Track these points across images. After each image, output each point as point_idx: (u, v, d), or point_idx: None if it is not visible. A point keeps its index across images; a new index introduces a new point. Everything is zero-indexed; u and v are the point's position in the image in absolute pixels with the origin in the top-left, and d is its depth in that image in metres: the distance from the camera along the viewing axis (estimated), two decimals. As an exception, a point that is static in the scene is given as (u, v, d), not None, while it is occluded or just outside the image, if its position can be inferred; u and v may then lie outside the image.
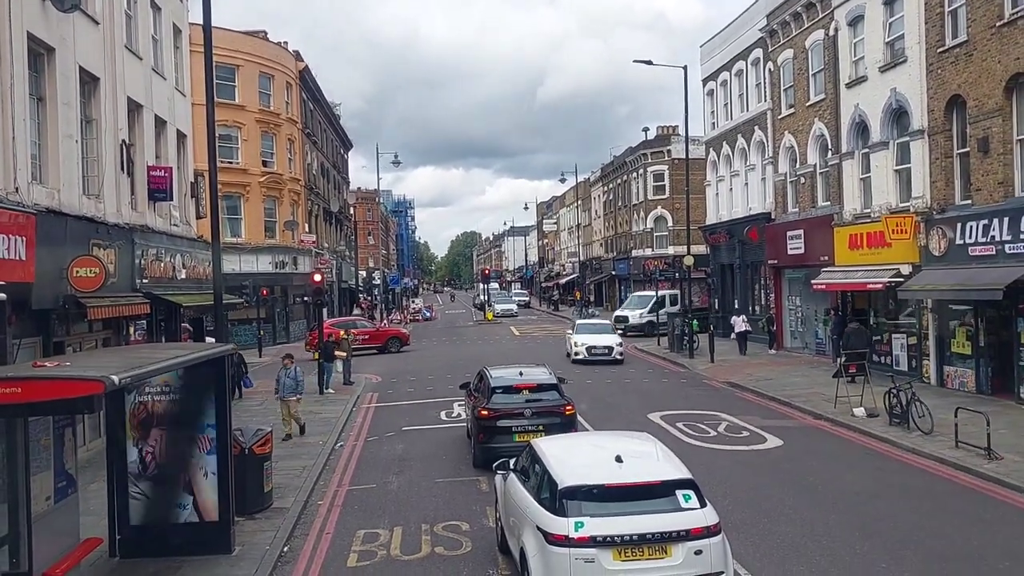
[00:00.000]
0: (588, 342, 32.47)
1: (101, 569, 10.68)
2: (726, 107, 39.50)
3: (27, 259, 14.02)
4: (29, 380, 7.58)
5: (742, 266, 38.39)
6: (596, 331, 34.17)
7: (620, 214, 69.13)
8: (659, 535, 8.15)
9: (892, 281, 23.36)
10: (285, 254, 45.22)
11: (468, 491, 14.26)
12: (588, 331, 34.15)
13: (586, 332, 33.89)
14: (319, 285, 28.69)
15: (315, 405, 23.34)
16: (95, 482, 13.41)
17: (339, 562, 11.06)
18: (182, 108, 25.54)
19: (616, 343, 32.65)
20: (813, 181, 30.33)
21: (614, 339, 33.17)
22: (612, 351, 32.13)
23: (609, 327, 35.94)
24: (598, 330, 34.55)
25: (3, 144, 13.89)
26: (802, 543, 11.17)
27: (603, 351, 32.08)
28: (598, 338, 32.91)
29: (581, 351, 32.23)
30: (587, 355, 31.95)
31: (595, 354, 31.91)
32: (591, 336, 33.15)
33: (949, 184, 22.02)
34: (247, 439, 12.87)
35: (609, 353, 31.99)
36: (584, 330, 34.42)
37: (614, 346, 32.37)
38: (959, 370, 21.98)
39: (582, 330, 34.42)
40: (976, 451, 14.88)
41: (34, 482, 8.56)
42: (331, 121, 62.85)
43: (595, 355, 31.90)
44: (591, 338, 32.86)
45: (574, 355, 32.44)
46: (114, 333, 19.50)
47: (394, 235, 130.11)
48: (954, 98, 21.58)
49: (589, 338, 32.86)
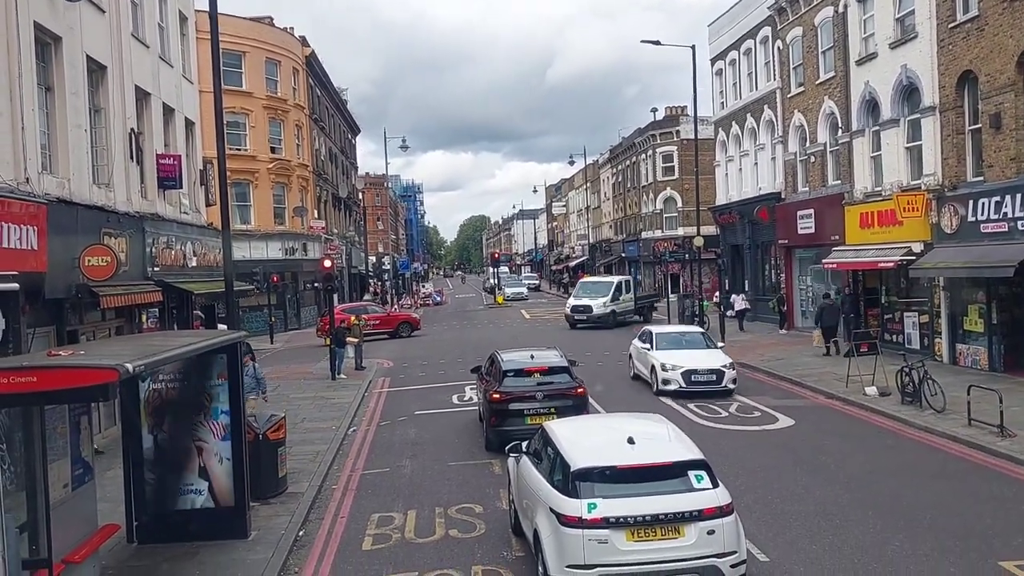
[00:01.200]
0: (683, 362, 20.75)
1: (119, 555, 10.80)
2: (735, 86, 39.26)
3: (39, 249, 14.09)
4: (44, 369, 7.62)
5: (752, 246, 38.28)
6: (687, 343, 22.33)
7: (629, 196, 68.92)
8: (672, 515, 8.18)
9: (904, 259, 23.26)
10: (295, 240, 45.30)
11: (481, 474, 14.33)
12: (675, 344, 22.23)
13: (673, 346, 22.04)
14: (329, 271, 28.80)
15: (327, 391, 23.47)
16: (111, 469, 13.53)
17: (354, 545, 11.14)
18: (190, 95, 25.55)
19: (724, 363, 20.81)
20: (823, 160, 30.16)
21: (719, 357, 21.38)
22: (722, 377, 20.48)
23: (700, 337, 23.25)
24: (690, 342, 22.52)
25: (12, 134, 13.93)
26: (814, 522, 11.18)
27: (708, 378, 20.45)
28: (696, 357, 21.19)
29: (674, 378, 20.55)
30: (684, 384, 20.40)
31: (698, 383, 20.39)
32: (685, 354, 21.38)
33: (961, 161, 21.86)
34: (261, 425, 12.95)
35: (718, 380, 20.43)
36: (669, 343, 22.25)
37: (724, 369, 20.61)
38: (971, 348, 21.89)
39: (665, 343, 22.29)
40: (989, 429, 14.84)
41: (51, 470, 8.62)
42: (338, 106, 62.77)
43: (698, 385, 20.37)
44: (686, 357, 21.11)
45: (660, 384, 20.74)
46: (127, 321, 19.60)
47: (403, 220, 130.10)
48: (965, 74, 21.38)
49: (683, 357, 21.10)
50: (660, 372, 20.86)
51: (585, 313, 40.05)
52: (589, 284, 44.82)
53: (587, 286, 43.94)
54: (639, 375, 22.94)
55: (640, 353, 22.89)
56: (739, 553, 8.38)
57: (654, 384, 21.08)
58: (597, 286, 43.19)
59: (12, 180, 13.69)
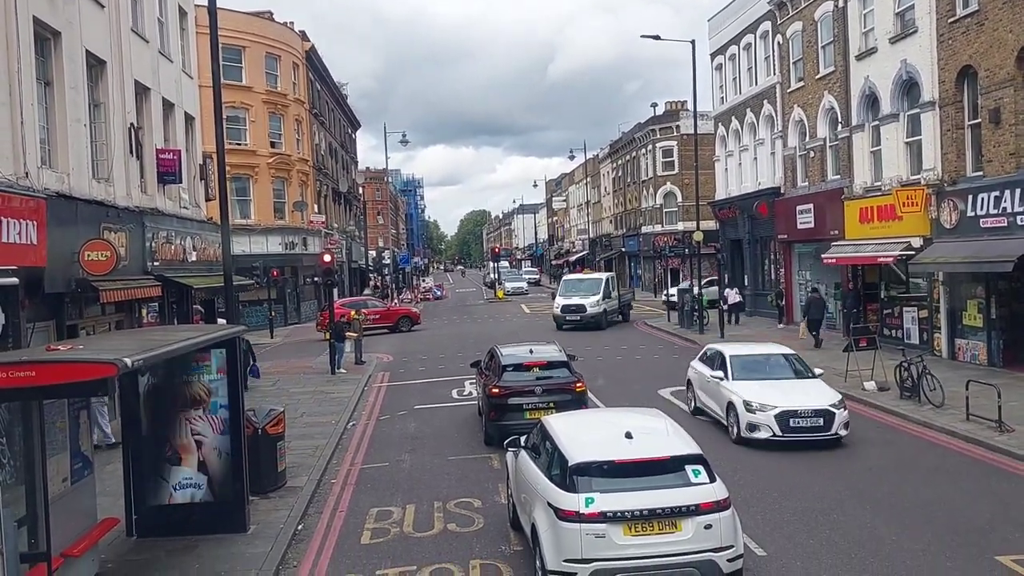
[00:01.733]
0: (775, 400, 14.91)
1: (119, 549, 10.83)
2: (735, 81, 39.21)
3: (39, 243, 14.12)
4: (43, 364, 7.65)
5: (752, 241, 38.26)
6: (773, 370, 16.28)
7: (629, 190, 68.89)
8: (669, 510, 8.21)
9: (903, 254, 23.27)
10: (295, 235, 45.31)
11: (480, 468, 14.36)
12: (757, 371, 16.21)
13: (755, 375, 16.03)
14: (329, 265, 28.82)
15: (327, 385, 23.50)
16: (111, 463, 13.58)
17: (353, 539, 11.18)
18: (189, 90, 25.54)
19: (832, 401, 14.98)
20: (823, 155, 30.15)
21: (822, 390, 15.46)
22: (831, 421, 14.67)
23: (788, 361, 16.68)
24: (775, 367, 16.42)
25: (12, 129, 13.94)
26: (812, 516, 11.21)
27: (813, 422, 14.64)
28: (791, 391, 15.30)
29: (765, 423, 14.76)
30: (780, 431, 14.65)
31: (799, 430, 14.65)
32: (775, 388, 15.42)
33: (960, 156, 21.85)
34: (260, 419, 12.97)
35: (827, 425, 14.64)
36: (749, 371, 16.18)
37: (832, 409, 14.77)
38: (970, 343, 21.92)
39: (744, 370, 16.16)
40: (987, 424, 14.87)
41: (51, 464, 8.66)
42: (338, 101, 62.72)
43: (799, 432, 14.65)
44: (778, 392, 15.18)
45: (744, 429, 14.98)
46: (127, 316, 19.64)
47: (403, 214, 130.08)
48: (965, 69, 21.37)
49: (774, 393, 15.16)
50: (744, 414, 14.90)
51: (579, 313, 36.71)
52: (575, 282, 40.79)
53: (574, 284, 40.26)
54: (705, 410, 17.13)
55: (708, 383, 16.78)
56: (736, 547, 8.41)
57: (733, 428, 15.30)
58: (586, 284, 39.59)
59: (12, 175, 13.70)
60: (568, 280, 42.22)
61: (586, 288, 38.57)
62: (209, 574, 9.88)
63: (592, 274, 45.66)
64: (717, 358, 17.02)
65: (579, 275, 45.19)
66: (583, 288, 38.65)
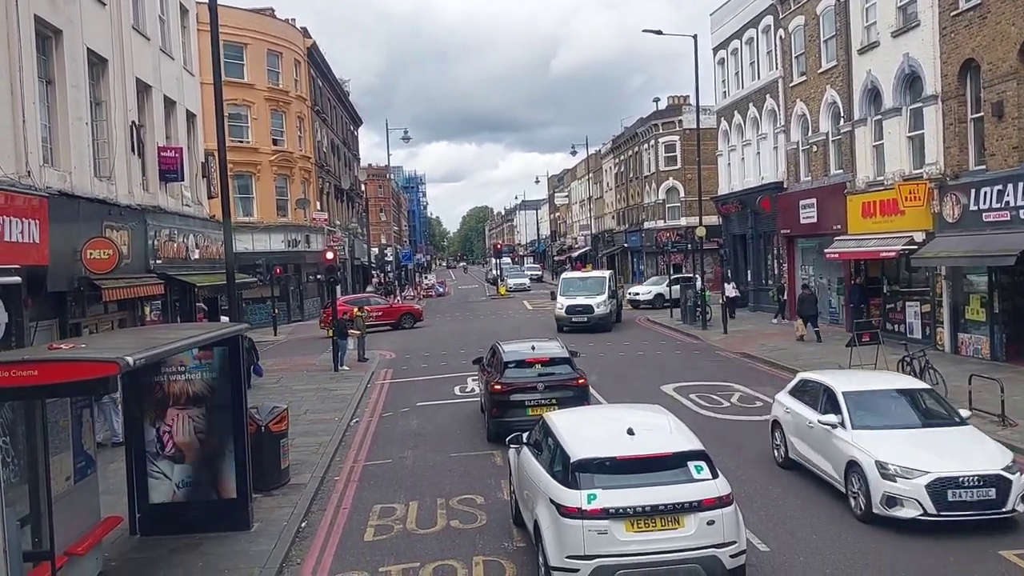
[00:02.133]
0: (926, 463, 10.39)
1: (122, 547, 10.86)
2: (737, 76, 39.14)
3: (41, 242, 14.14)
4: (46, 363, 7.66)
5: (755, 236, 38.22)
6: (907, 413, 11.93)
7: (632, 186, 68.83)
8: (671, 506, 8.21)
9: (905, 249, 23.22)
10: (297, 232, 45.33)
11: (483, 465, 14.37)
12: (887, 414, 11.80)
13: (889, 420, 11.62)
14: (331, 263, 28.83)
15: (330, 382, 23.52)
16: (114, 462, 13.59)
17: (356, 536, 11.19)
18: (191, 88, 25.56)
19: (1004, 463, 10.43)
20: (825, 149, 30.10)
21: (985, 446, 11.06)
22: (1007, 492, 10.17)
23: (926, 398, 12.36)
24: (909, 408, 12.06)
25: (14, 128, 13.96)
26: (816, 512, 11.20)
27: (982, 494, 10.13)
28: (946, 447, 10.95)
29: (911, 494, 10.24)
30: (934, 506, 10.15)
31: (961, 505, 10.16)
32: (920, 441, 11.13)
33: (963, 150, 21.80)
34: (263, 417, 12.99)
35: (1000, 499, 10.14)
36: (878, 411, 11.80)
37: (1007, 475, 10.24)
38: (973, 337, 21.88)
39: (871, 411, 11.76)
40: (990, 418, 14.84)
41: (54, 462, 8.68)
42: (340, 98, 62.69)
43: (961, 509, 10.16)
44: (927, 450, 10.78)
45: (882, 503, 10.42)
46: (129, 314, 19.67)
47: (406, 211, 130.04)
48: (968, 62, 21.31)
49: (922, 452, 10.68)
50: (879, 481, 10.51)
51: (586, 314, 33.42)
52: (577, 280, 37.46)
53: (575, 283, 36.76)
54: (802, 463, 12.72)
55: (812, 430, 12.32)
56: (739, 543, 8.41)
57: (858, 500, 10.91)
58: (588, 283, 36.28)
59: (14, 173, 13.72)
60: (569, 279, 38.52)
61: (591, 287, 35.33)
62: (213, 572, 9.90)
63: (593, 272, 43.53)
64: (822, 394, 12.43)
65: (581, 273, 42.96)
66: (587, 287, 35.44)
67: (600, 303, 33.82)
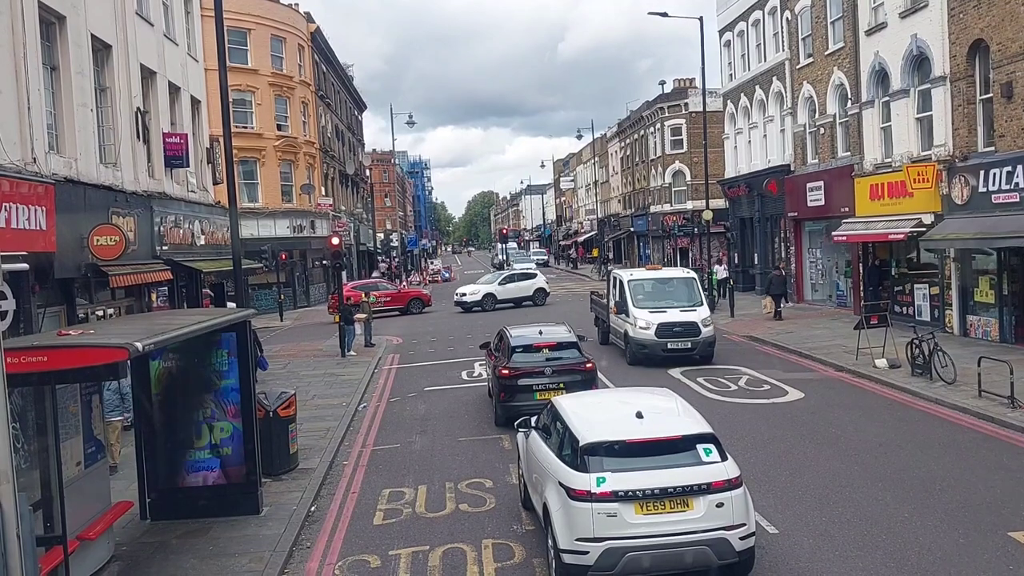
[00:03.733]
0: None
1: (132, 531, 10.91)
2: (743, 58, 38.90)
3: (48, 229, 14.14)
4: (55, 349, 7.67)
5: (761, 219, 38.08)
6: None
7: (638, 170, 68.59)
8: (680, 489, 8.20)
9: (914, 231, 23.11)
10: (302, 218, 45.33)
11: (491, 449, 14.39)
12: None
13: None
14: (337, 248, 28.77)
15: (337, 368, 23.57)
16: (124, 447, 13.64)
17: (365, 520, 11.23)
18: (195, 74, 25.49)
19: None
20: (833, 131, 29.93)
21: None
22: None
23: None
24: None
25: (19, 115, 13.93)
26: (824, 494, 11.20)
27: None
28: None
29: None
30: None
31: None
32: None
33: (972, 131, 21.65)
34: (271, 402, 13.02)
35: None
36: None
37: None
38: (982, 319, 21.80)
39: None
40: (999, 400, 14.81)
41: (64, 448, 8.70)
42: (344, 83, 62.52)
43: None
44: None
45: None
46: (136, 300, 19.70)
47: (411, 196, 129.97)
48: (976, 43, 21.12)
49: None
50: None
51: (689, 337, 21.40)
52: (653, 284, 23.38)
53: (652, 288, 23.16)
54: None
55: None
56: (748, 525, 8.40)
57: None
58: (671, 287, 23.22)
59: (19, 160, 13.71)
60: (639, 281, 23.39)
61: (677, 293, 22.89)
62: (223, 556, 9.94)
63: (670, 270, 27.40)
64: None
65: (653, 272, 24.86)
66: (672, 293, 22.90)
67: (704, 319, 21.98)
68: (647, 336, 21.37)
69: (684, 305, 22.20)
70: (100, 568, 9.50)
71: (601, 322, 25.74)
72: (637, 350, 21.44)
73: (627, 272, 24.17)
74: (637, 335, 21.52)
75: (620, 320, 22.75)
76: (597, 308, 26.73)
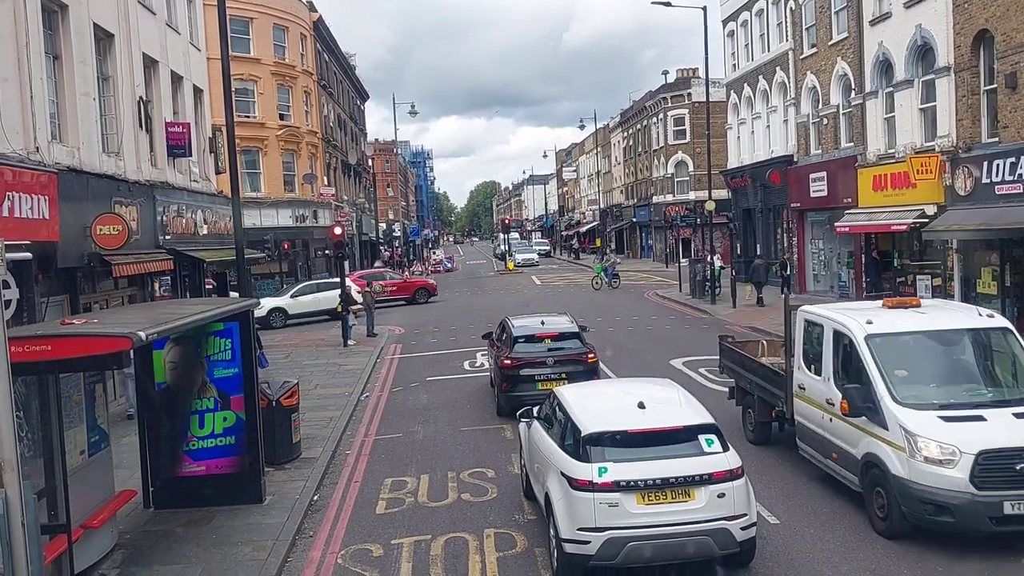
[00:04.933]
0: None
1: (136, 520, 10.95)
2: (747, 48, 38.76)
3: (51, 218, 14.15)
4: (58, 338, 7.70)
5: (764, 210, 38.01)
6: None
7: (640, 160, 68.49)
8: (682, 479, 8.23)
9: (916, 222, 23.08)
10: (305, 208, 45.29)
11: (493, 439, 14.42)
12: None
13: None
14: (339, 238, 28.73)
15: (340, 357, 23.61)
16: (128, 436, 13.69)
17: (368, 509, 11.27)
18: (198, 63, 25.43)
19: None
20: (836, 122, 29.85)
21: None
22: None
23: None
24: None
25: (22, 104, 13.92)
26: (826, 485, 11.20)
27: None
28: None
29: None
30: None
31: None
32: None
33: (975, 122, 21.59)
34: (274, 391, 13.05)
35: None
36: None
37: None
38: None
39: None
40: (1001, 391, 14.76)
41: (68, 437, 8.74)
42: (347, 72, 62.38)
43: None
44: None
45: None
46: (139, 289, 19.73)
47: (413, 186, 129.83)
48: (981, 33, 21.04)
49: None
50: None
51: None
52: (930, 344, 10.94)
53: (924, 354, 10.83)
54: None
55: None
56: (749, 516, 8.43)
57: None
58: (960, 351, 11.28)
59: (22, 149, 13.70)
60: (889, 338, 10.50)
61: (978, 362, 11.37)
62: (226, 544, 9.98)
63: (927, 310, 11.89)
64: None
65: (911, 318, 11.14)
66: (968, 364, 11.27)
67: None
68: (950, 481, 8.99)
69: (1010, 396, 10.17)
70: (104, 556, 9.54)
71: (751, 397, 13.64)
72: (918, 509, 9.19)
73: (850, 313, 11.39)
74: (917, 475, 9.17)
75: (850, 428, 10.25)
76: (738, 369, 14.50)
